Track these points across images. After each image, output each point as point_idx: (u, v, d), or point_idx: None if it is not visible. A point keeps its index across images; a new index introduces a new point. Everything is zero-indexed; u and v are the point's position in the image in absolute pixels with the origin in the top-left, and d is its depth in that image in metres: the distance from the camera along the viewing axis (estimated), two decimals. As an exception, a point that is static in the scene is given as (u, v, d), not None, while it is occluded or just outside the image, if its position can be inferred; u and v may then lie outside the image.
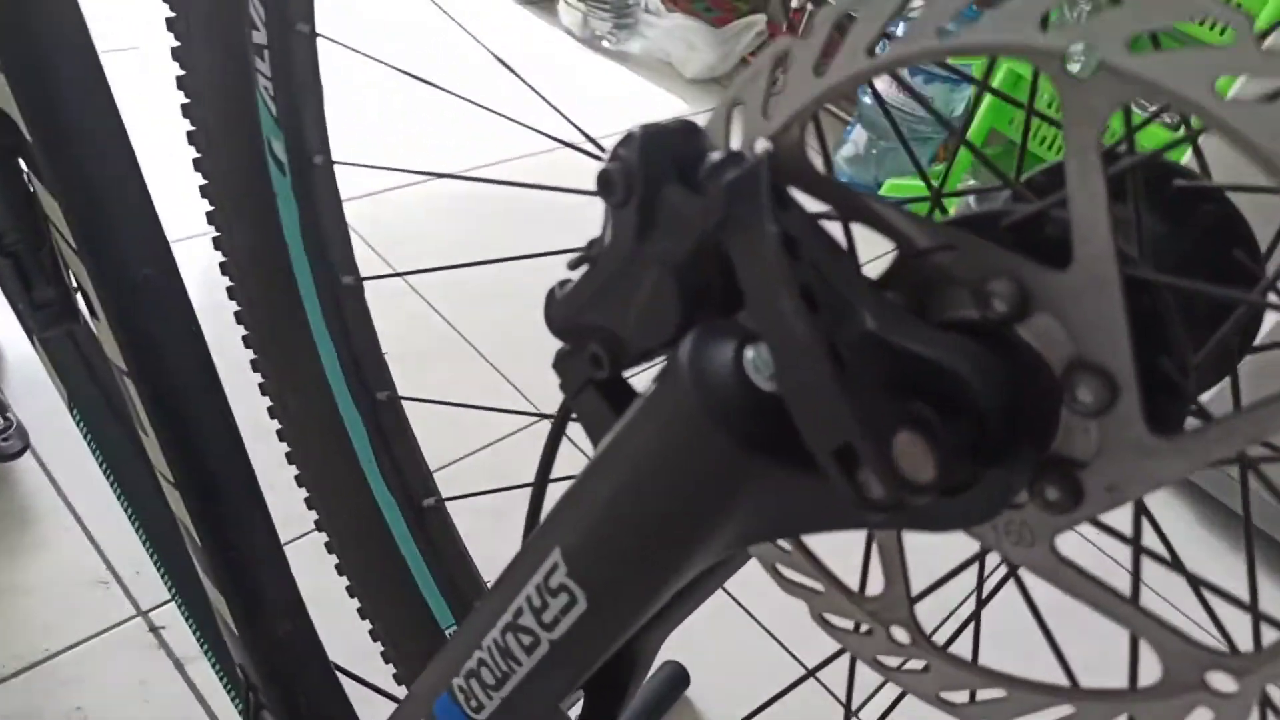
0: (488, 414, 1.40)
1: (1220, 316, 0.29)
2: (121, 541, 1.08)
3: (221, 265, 0.57)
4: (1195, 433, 0.23)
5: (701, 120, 0.30)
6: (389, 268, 1.57)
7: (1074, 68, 0.22)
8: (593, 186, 0.30)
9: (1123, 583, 0.27)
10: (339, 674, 0.74)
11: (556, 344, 0.33)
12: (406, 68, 0.51)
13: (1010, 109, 1.91)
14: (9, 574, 1.06)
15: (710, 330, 0.27)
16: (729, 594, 1.29)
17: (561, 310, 0.32)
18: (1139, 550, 0.27)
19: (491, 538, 0.79)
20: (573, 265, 0.32)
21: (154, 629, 1.05)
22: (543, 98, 0.45)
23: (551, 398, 0.33)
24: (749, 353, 0.26)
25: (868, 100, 2.09)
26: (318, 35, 0.49)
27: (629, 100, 2.29)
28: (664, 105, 2.30)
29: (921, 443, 0.22)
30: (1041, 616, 0.30)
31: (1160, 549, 0.30)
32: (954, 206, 0.34)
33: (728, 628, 1.25)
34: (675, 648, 1.20)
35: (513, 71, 0.46)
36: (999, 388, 0.23)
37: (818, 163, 0.28)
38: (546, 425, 0.37)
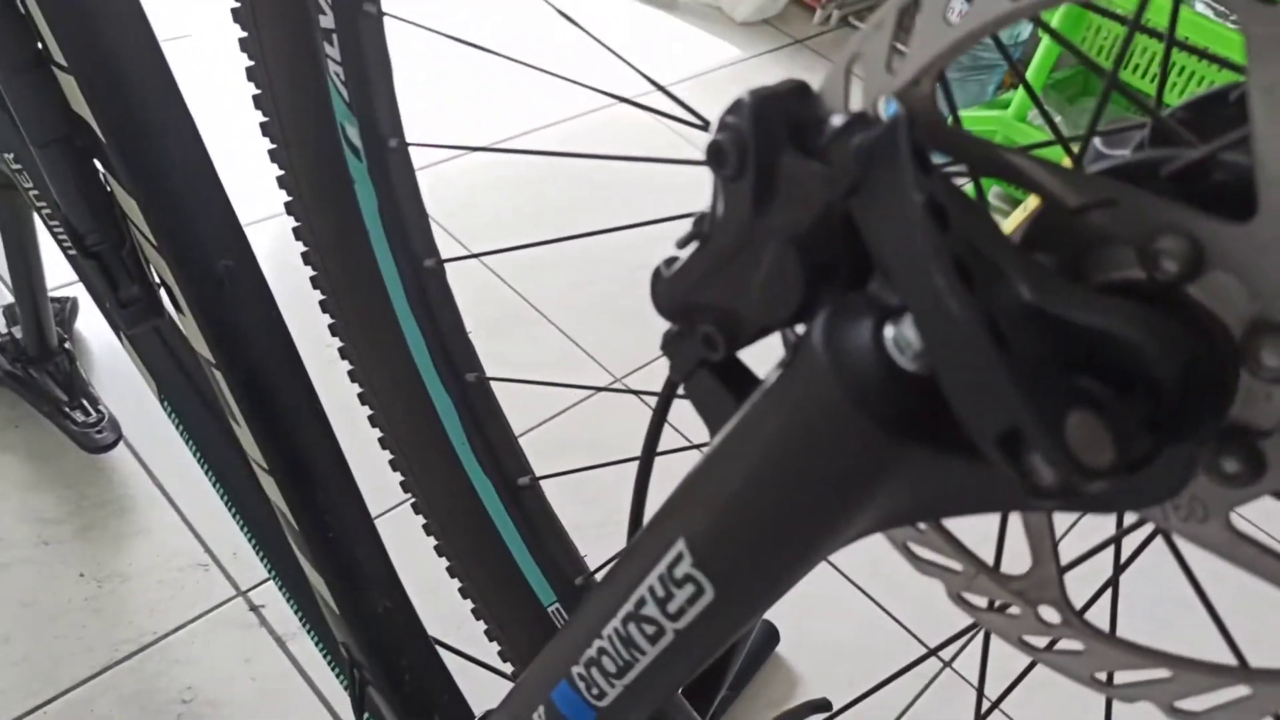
0: (562, 378, 1.40)
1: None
2: (217, 525, 1.11)
3: (304, 255, 0.57)
4: (1403, 395, 0.21)
5: (756, 68, 0.28)
6: (452, 239, 1.57)
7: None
8: (647, 142, 0.28)
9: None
10: (442, 648, 0.75)
11: (623, 306, 0.32)
12: (458, 33, 0.49)
13: (1080, 28, 1.82)
14: (113, 561, 1.09)
15: (843, 308, 0.25)
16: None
17: (670, 290, 0.31)
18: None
19: (572, 505, 0.79)
20: (681, 243, 0.30)
21: (254, 608, 1.07)
22: (613, 52, 0.43)
23: (623, 360, 0.31)
24: (889, 331, 0.24)
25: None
26: (385, 14, 0.48)
27: (679, 49, 2.24)
28: (716, 51, 2.25)
29: (1096, 423, 0.20)
30: (1204, 591, 0.28)
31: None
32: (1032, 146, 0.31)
33: (809, 579, 1.24)
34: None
35: (576, 24, 0.44)
36: (1176, 355, 0.21)
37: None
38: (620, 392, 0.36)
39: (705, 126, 0.41)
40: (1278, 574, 0.24)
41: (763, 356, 0.30)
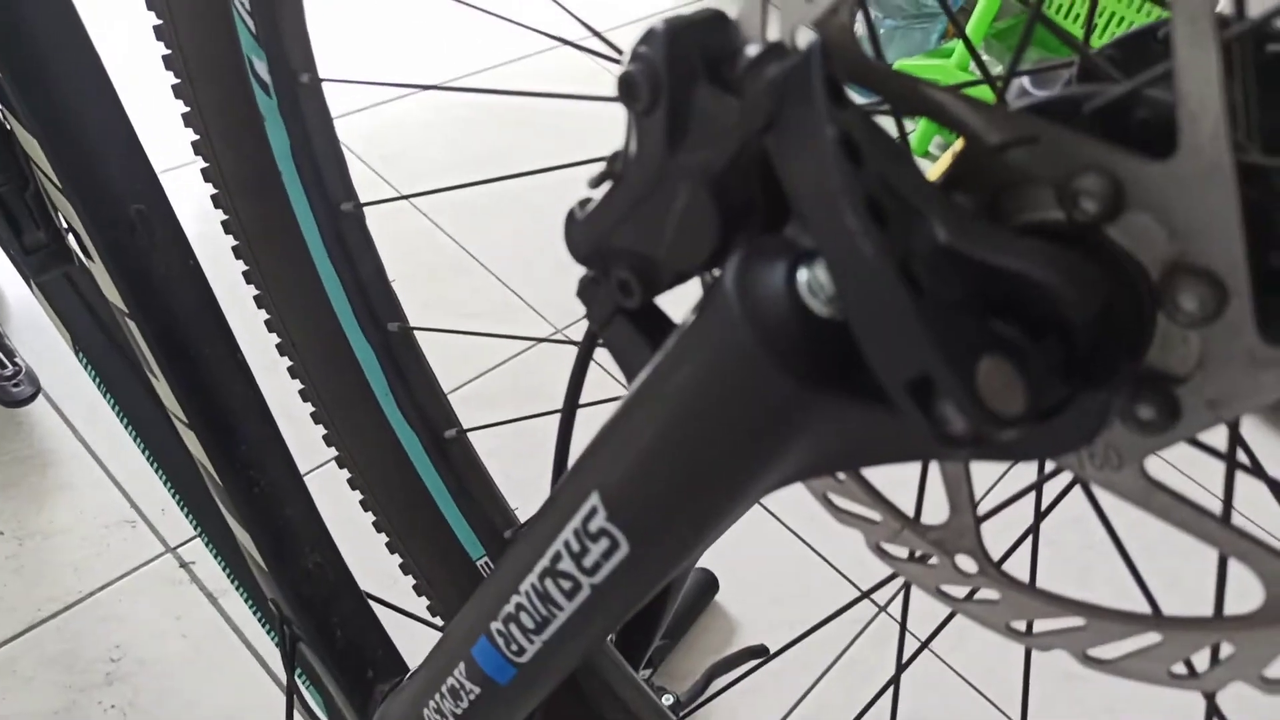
0: (501, 329, 1.38)
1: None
2: (145, 480, 1.08)
3: (213, 198, 0.54)
4: (1318, 339, 0.20)
5: (708, 6, 0.27)
6: (387, 186, 1.53)
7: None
8: (592, 87, 0.27)
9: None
10: (373, 602, 0.73)
11: (563, 253, 0.30)
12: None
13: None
14: (35, 518, 1.06)
15: (756, 250, 0.24)
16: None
17: (584, 233, 0.29)
18: (1233, 467, 0.25)
19: (515, 457, 0.77)
20: (594, 183, 0.29)
21: (184, 564, 1.05)
22: None
23: (563, 309, 0.30)
24: (802, 274, 0.23)
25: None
26: (292, -61, 0.45)
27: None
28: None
29: (1009, 369, 0.20)
30: (1119, 538, 0.28)
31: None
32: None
33: (749, 528, 1.25)
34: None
35: None
36: (1092, 300, 0.21)
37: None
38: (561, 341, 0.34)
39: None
40: (1192, 522, 0.24)
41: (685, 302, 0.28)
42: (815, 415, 0.23)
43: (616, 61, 0.42)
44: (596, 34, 0.45)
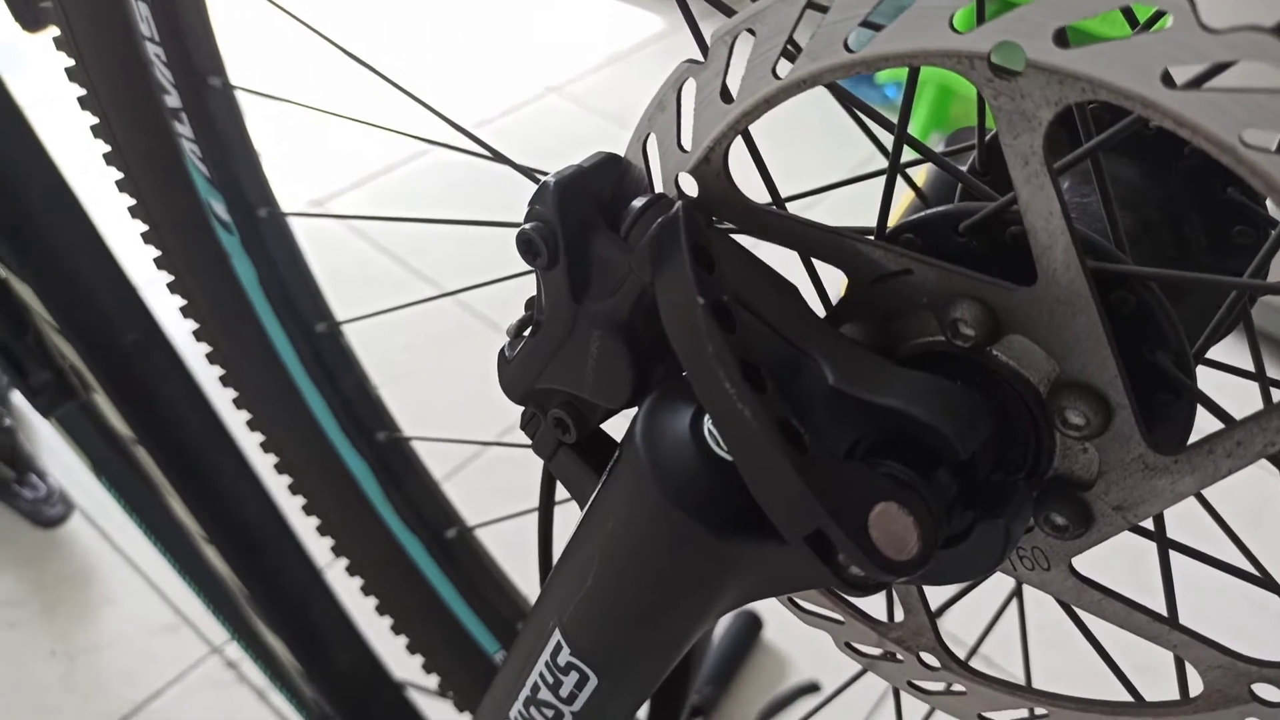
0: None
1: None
2: (184, 585, 1.10)
3: (194, 333, 0.55)
4: (1204, 445, 0.20)
5: (682, 43, 0.27)
6: (388, 255, 1.55)
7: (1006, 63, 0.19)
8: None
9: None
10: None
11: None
12: (306, 94, 0.47)
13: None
14: (82, 633, 1.08)
15: (663, 400, 0.24)
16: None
17: (514, 376, 0.30)
18: (1167, 550, 0.25)
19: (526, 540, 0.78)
20: (513, 331, 0.29)
21: (230, 664, 1.07)
22: (417, 100, 0.42)
23: None
24: (709, 419, 0.24)
25: None
26: (233, 87, 0.47)
27: (603, 23, 2.22)
28: (639, 26, 2.22)
29: (901, 513, 0.20)
30: (1087, 628, 0.28)
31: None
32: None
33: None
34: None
35: (382, 76, 0.43)
36: (975, 434, 0.21)
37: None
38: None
39: (501, 159, 0.39)
40: (1124, 617, 0.24)
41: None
42: (734, 559, 0.23)
43: (490, 157, 0.42)
44: (467, 134, 0.42)
